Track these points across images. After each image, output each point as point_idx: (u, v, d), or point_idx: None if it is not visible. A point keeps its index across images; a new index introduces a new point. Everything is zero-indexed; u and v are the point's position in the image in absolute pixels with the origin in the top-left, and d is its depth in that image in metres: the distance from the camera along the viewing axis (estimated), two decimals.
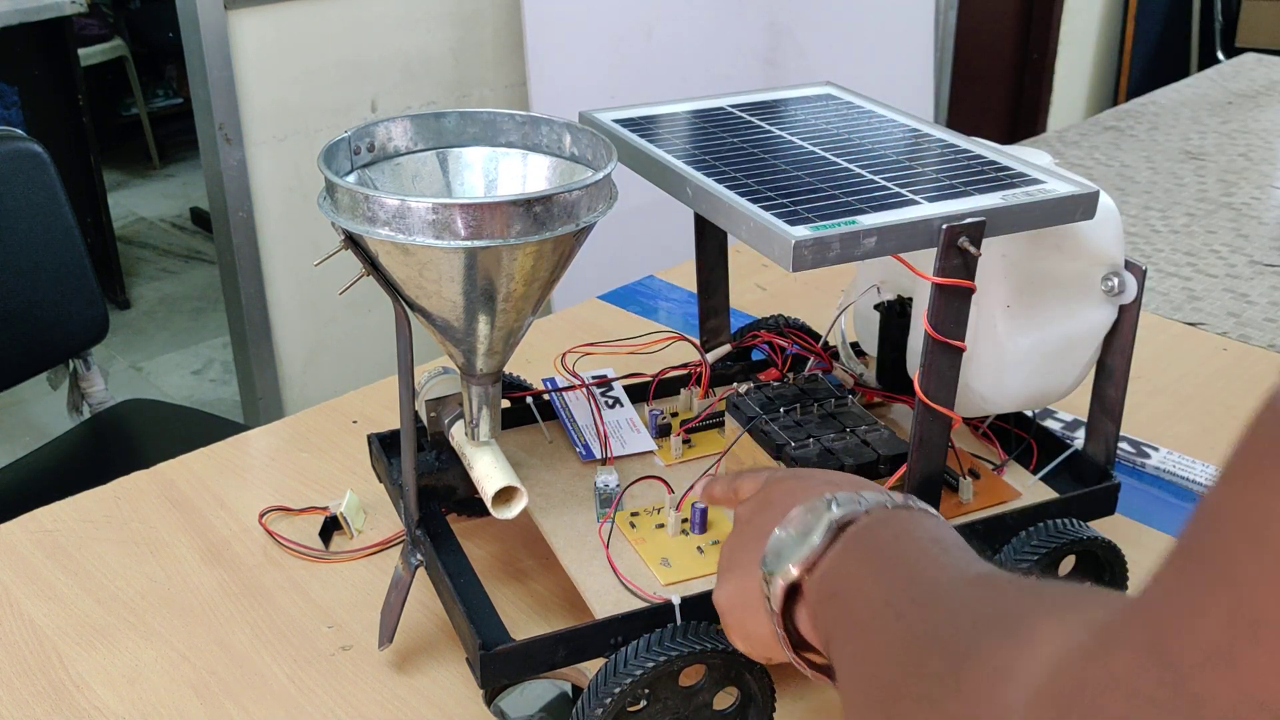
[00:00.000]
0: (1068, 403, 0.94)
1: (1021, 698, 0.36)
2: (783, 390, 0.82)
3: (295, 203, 2.19)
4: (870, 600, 0.49)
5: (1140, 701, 0.30)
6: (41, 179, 1.49)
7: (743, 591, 0.59)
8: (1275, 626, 0.27)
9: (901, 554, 0.52)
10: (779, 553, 0.55)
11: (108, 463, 1.57)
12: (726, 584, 0.61)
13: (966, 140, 0.81)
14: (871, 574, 0.51)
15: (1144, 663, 0.31)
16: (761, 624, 0.57)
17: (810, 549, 0.54)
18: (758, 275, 1.36)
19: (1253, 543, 0.28)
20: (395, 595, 0.77)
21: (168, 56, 4.40)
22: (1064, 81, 3.85)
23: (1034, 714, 0.35)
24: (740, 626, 0.60)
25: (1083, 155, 1.92)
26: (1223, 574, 0.29)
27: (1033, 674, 0.36)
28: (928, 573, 0.49)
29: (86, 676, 0.78)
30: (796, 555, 0.54)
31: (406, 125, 0.76)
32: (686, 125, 0.86)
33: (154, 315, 3.36)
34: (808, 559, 0.54)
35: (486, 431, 0.76)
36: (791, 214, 0.67)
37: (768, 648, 0.59)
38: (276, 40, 2.08)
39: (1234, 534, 0.29)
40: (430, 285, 0.67)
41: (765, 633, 0.57)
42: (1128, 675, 0.31)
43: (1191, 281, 1.43)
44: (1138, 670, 0.31)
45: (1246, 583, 0.28)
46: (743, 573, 0.60)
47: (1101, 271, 0.76)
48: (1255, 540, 0.28)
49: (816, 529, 0.54)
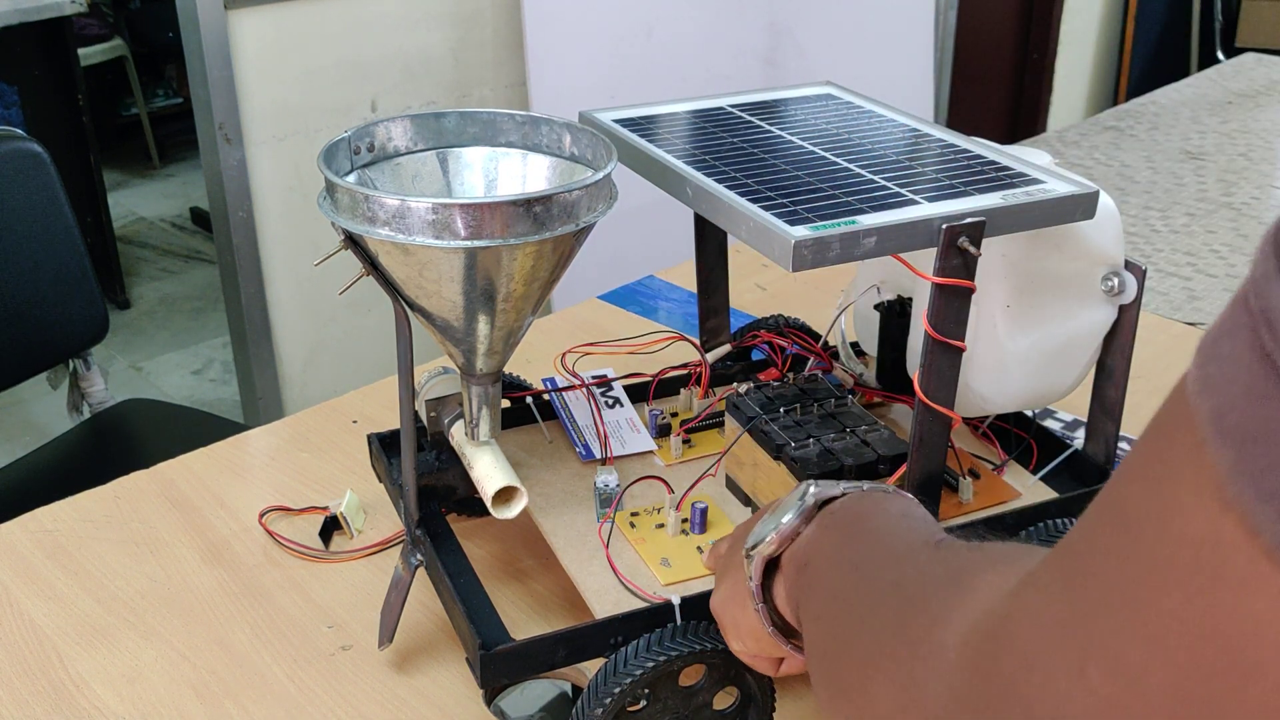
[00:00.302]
0: (1068, 403, 0.94)
1: (956, 638, 0.40)
2: (783, 390, 0.82)
3: (295, 203, 2.19)
4: (837, 563, 0.53)
5: (1044, 631, 0.34)
6: (41, 179, 1.49)
7: (732, 588, 0.62)
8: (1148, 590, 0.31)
9: (870, 524, 0.55)
10: (759, 533, 0.58)
11: (108, 463, 1.57)
12: (720, 589, 0.64)
13: (966, 140, 0.81)
14: (842, 541, 0.55)
15: (1051, 599, 0.35)
16: (749, 612, 0.59)
17: (787, 523, 0.57)
18: (758, 275, 1.36)
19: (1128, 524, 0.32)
20: (395, 595, 0.77)
21: (168, 56, 4.40)
22: (1064, 81, 3.85)
23: (964, 649, 0.39)
24: (733, 623, 0.62)
25: (1083, 155, 1.92)
26: (1122, 529, 0.32)
27: (967, 617, 0.39)
28: (891, 539, 0.53)
29: (86, 676, 0.78)
30: (773, 529, 0.57)
31: (406, 125, 0.76)
32: (686, 125, 0.86)
33: (154, 315, 3.36)
34: (784, 532, 0.57)
35: (486, 431, 0.76)
36: (791, 214, 0.67)
37: (757, 639, 0.60)
38: (276, 40, 2.08)
39: (1133, 500, 0.32)
40: (430, 285, 0.67)
41: (752, 620, 0.59)
42: (1037, 609, 0.35)
43: (1191, 281, 1.43)
44: (1045, 605, 0.35)
45: (1116, 553, 0.32)
46: (733, 574, 0.62)
47: (1101, 271, 0.76)
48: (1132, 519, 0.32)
49: (793, 507, 0.57)
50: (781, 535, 0.57)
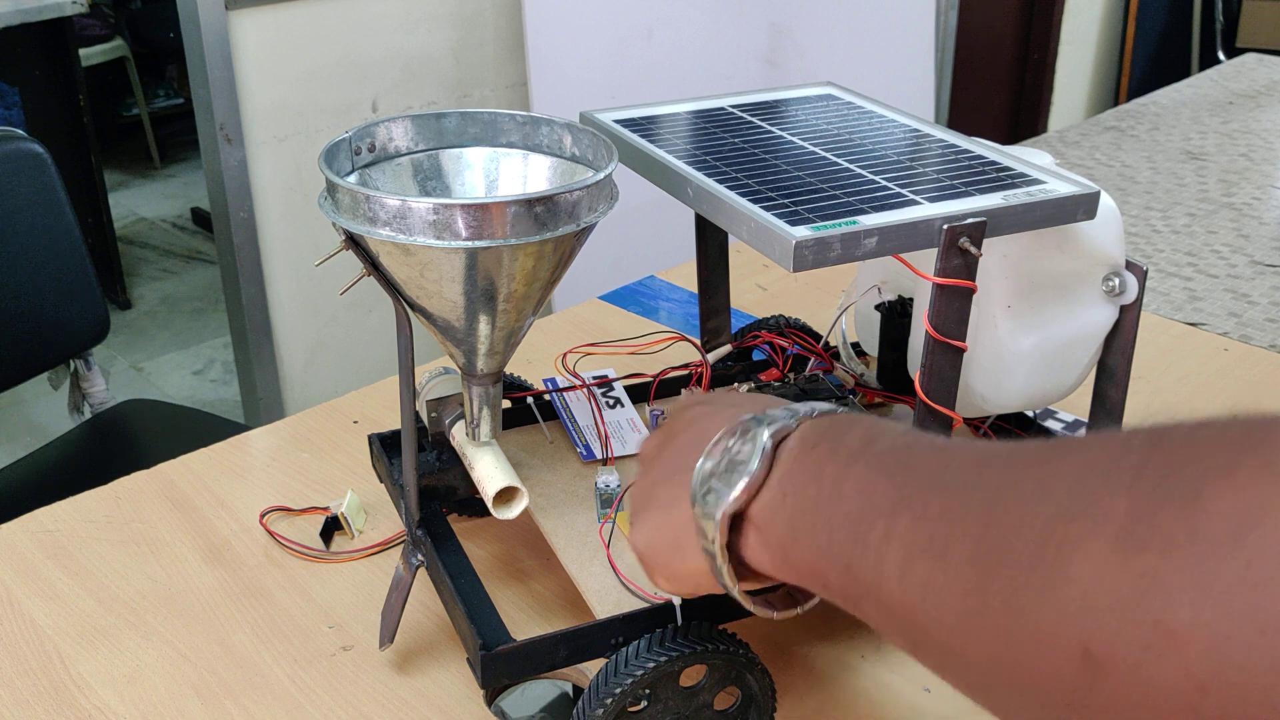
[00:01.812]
0: (1069, 403, 0.94)
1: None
2: (783, 391, 0.82)
3: (296, 203, 2.19)
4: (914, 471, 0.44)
5: None
6: (42, 179, 1.49)
7: (666, 530, 0.56)
8: None
9: (904, 444, 0.46)
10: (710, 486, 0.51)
11: (108, 463, 1.57)
12: (643, 525, 0.57)
13: (967, 140, 0.81)
14: (883, 475, 0.45)
15: None
16: (693, 561, 0.54)
17: (750, 476, 0.50)
18: (758, 275, 1.36)
19: None
20: (396, 595, 0.77)
21: (169, 56, 4.40)
22: (1065, 82, 3.85)
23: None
24: (666, 567, 0.57)
25: (1084, 155, 1.92)
26: None
27: None
28: (951, 450, 0.44)
29: (87, 676, 0.78)
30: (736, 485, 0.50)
31: (407, 125, 0.76)
32: (687, 125, 0.86)
33: (155, 315, 3.36)
34: (750, 485, 0.50)
35: (487, 432, 0.76)
36: (792, 214, 0.67)
37: (697, 584, 0.55)
38: (277, 40, 2.08)
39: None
40: (431, 285, 0.67)
41: (695, 569, 0.54)
42: None
43: (1192, 282, 1.43)
44: None
45: None
46: (662, 511, 0.56)
47: (1102, 272, 0.76)
48: None
49: (754, 455, 0.50)
50: (749, 489, 0.50)
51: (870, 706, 0.76)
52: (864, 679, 0.78)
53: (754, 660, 0.67)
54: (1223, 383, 1.15)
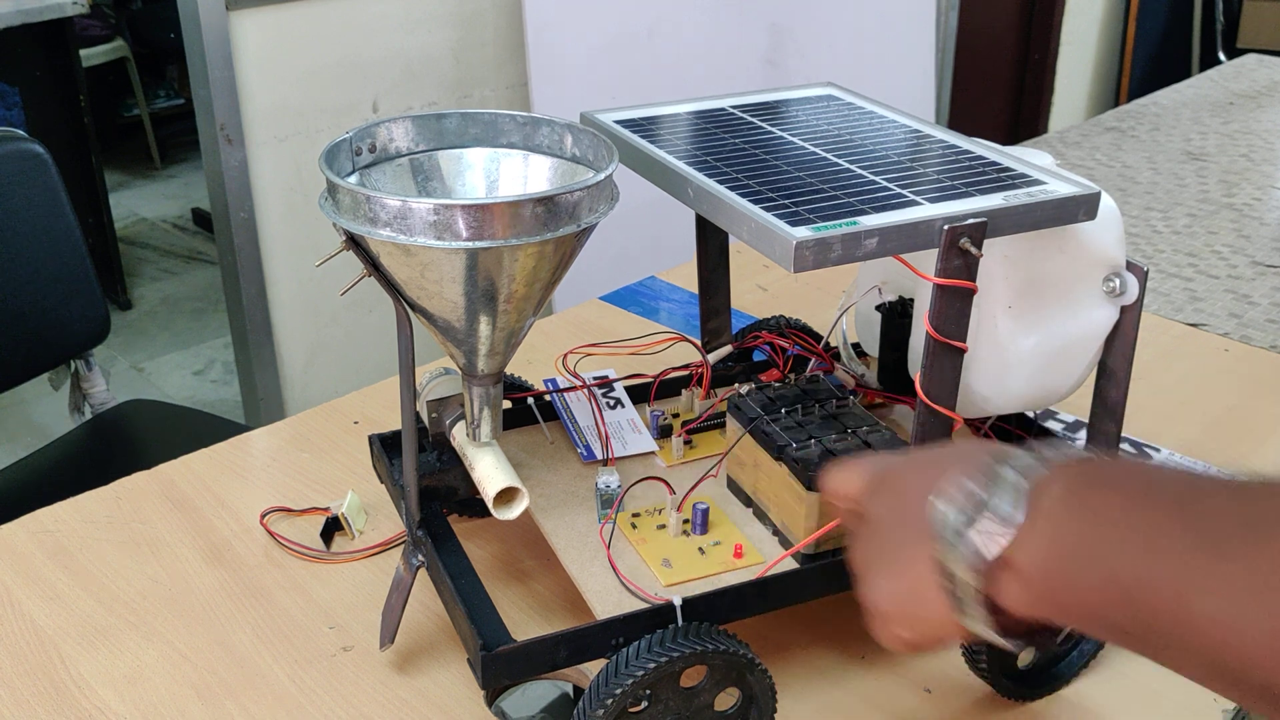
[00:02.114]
0: (1069, 403, 0.94)
1: None
2: (784, 391, 0.82)
3: (296, 203, 2.19)
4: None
5: None
6: (43, 179, 1.49)
7: (905, 581, 0.57)
8: None
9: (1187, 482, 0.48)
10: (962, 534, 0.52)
11: (109, 463, 1.57)
12: (880, 581, 0.58)
13: (968, 141, 0.81)
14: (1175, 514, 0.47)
15: None
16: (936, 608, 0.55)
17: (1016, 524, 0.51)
18: (759, 276, 1.36)
19: None
20: (396, 596, 0.77)
21: (169, 57, 4.40)
22: (1065, 82, 3.85)
23: None
24: (909, 618, 0.58)
25: (1084, 156, 1.91)
26: None
27: None
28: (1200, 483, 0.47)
29: (88, 677, 0.78)
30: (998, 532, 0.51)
31: (408, 126, 0.76)
32: (688, 126, 0.86)
33: (155, 316, 3.36)
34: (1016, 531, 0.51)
35: (488, 432, 0.76)
36: (793, 215, 0.67)
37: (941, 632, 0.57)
38: (278, 40, 2.08)
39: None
40: (432, 286, 0.67)
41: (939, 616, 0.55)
42: None
43: (1193, 282, 1.43)
44: None
45: None
46: (897, 565, 0.57)
47: (1103, 272, 0.76)
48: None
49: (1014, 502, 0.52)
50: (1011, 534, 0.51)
51: (870, 706, 0.76)
52: (864, 679, 0.78)
53: (754, 660, 0.67)
54: (1223, 383, 1.15)
